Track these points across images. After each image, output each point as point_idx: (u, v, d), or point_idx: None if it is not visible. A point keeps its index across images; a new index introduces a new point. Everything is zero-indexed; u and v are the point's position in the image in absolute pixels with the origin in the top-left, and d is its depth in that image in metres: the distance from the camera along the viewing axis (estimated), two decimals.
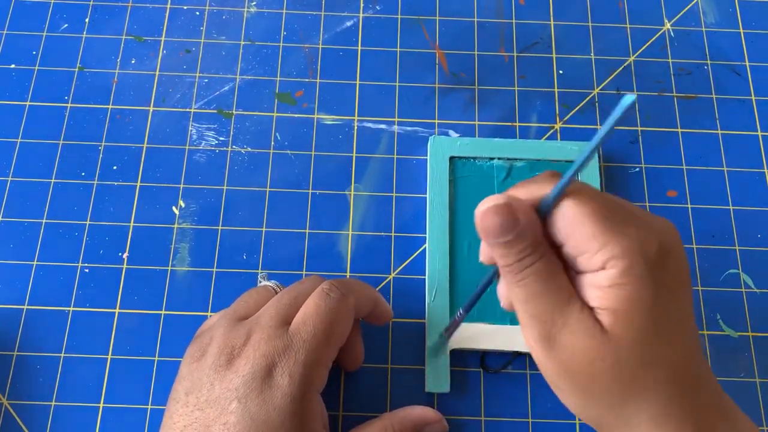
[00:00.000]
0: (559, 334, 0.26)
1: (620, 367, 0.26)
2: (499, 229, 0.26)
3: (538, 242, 0.26)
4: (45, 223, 0.41)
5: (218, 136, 0.44)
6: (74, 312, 0.39)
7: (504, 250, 0.27)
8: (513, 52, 0.47)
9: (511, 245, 0.26)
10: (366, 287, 0.35)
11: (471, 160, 0.42)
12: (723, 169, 0.44)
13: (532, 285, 0.27)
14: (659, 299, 0.25)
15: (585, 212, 0.25)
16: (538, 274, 0.27)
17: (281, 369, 0.30)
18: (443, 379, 0.37)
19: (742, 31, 0.48)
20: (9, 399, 0.38)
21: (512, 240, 0.26)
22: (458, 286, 0.39)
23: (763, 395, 0.38)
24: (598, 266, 0.26)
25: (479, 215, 0.27)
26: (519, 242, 0.26)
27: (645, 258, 0.25)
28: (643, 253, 0.25)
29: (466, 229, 0.41)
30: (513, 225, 0.26)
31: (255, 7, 0.48)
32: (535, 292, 0.27)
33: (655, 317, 0.26)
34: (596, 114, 0.45)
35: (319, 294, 0.33)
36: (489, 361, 0.39)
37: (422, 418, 0.35)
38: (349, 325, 0.33)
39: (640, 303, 0.25)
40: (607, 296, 0.26)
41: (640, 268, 0.25)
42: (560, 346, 0.27)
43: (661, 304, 0.26)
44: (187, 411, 0.30)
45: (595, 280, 0.26)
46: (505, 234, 0.26)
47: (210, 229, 0.42)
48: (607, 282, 0.25)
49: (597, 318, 0.26)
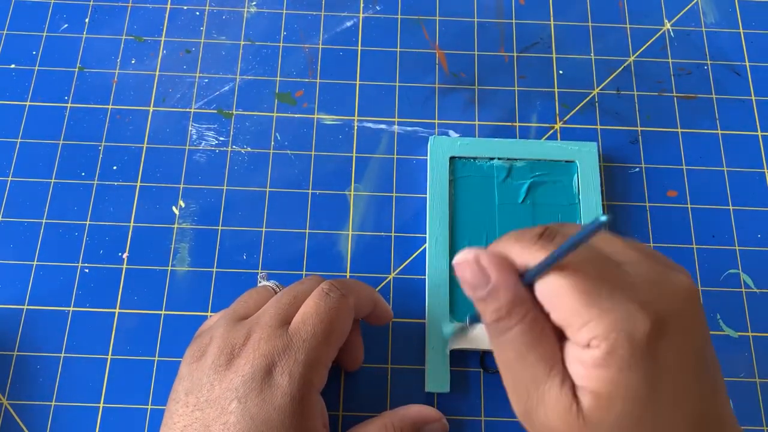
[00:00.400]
0: (534, 412, 0.25)
1: None
2: (468, 284, 0.26)
3: (516, 304, 0.25)
4: (45, 223, 0.41)
5: (218, 136, 0.44)
6: (74, 312, 0.39)
7: (480, 306, 0.26)
8: (513, 52, 0.47)
9: (486, 303, 0.26)
10: (366, 287, 0.35)
11: (471, 160, 0.42)
12: (723, 169, 0.44)
13: (510, 351, 0.25)
14: (648, 384, 0.23)
15: (567, 285, 0.24)
16: (515, 342, 0.25)
17: (281, 368, 0.30)
18: (443, 378, 0.37)
19: (742, 31, 0.48)
20: (9, 399, 0.38)
21: (485, 297, 0.26)
22: (458, 286, 0.39)
23: (763, 395, 0.38)
24: (584, 343, 0.24)
25: (454, 266, 0.26)
26: (492, 301, 0.25)
27: (631, 339, 0.23)
28: (628, 335, 0.23)
29: (466, 229, 0.41)
30: (483, 281, 0.26)
31: (255, 7, 0.48)
32: (511, 360, 0.25)
33: (641, 403, 0.24)
34: (596, 114, 0.45)
35: (318, 294, 0.33)
36: (488, 362, 0.39)
37: (422, 416, 0.35)
38: (349, 324, 0.33)
39: (623, 388, 0.23)
40: (590, 376, 0.24)
41: (625, 350, 0.23)
42: (536, 421, 0.25)
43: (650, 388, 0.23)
44: (187, 411, 0.30)
45: (581, 356, 0.24)
46: (475, 290, 0.26)
47: (210, 229, 0.42)
48: (591, 361, 0.24)
49: (578, 397, 0.24)
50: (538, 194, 0.41)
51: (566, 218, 0.41)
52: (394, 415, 0.35)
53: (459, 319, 0.39)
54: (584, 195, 0.41)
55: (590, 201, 0.41)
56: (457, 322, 0.38)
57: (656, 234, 0.42)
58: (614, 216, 0.42)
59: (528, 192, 0.41)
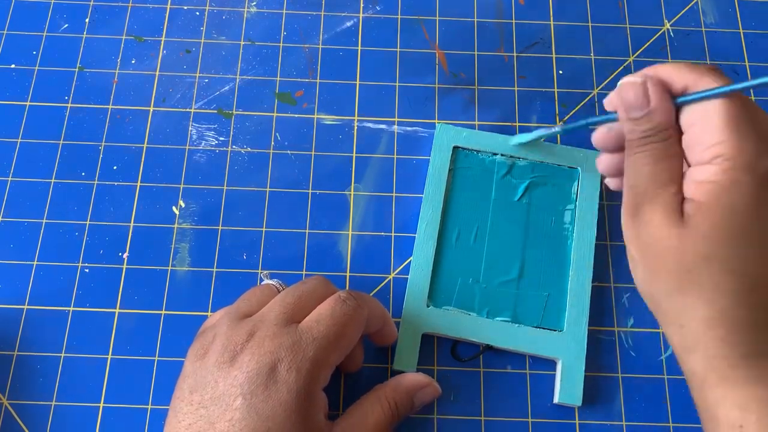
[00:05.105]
0: (643, 206, 0.29)
1: (682, 254, 0.27)
2: (632, 105, 0.29)
3: (664, 128, 0.28)
4: (45, 223, 0.41)
5: (218, 136, 0.44)
6: (74, 312, 0.39)
7: (632, 126, 0.29)
8: (513, 52, 0.47)
9: (639, 123, 0.29)
10: (379, 305, 0.36)
11: (474, 153, 0.42)
12: None
13: (643, 158, 0.29)
14: (750, 211, 0.26)
15: (719, 108, 0.27)
16: (654, 151, 0.29)
17: (287, 364, 0.30)
18: (411, 358, 0.38)
19: (742, 31, 0.48)
20: (9, 399, 0.38)
21: (641, 119, 0.29)
22: (441, 271, 0.40)
23: None
24: (706, 160, 0.27)
25: (619, 86, 0.30)
26: (646, 123, 0.29)
27: (752, 168, 0.26)
28: (752, 162, 0.26)
29: (459, 218, 0.41)
30: (643, 104, 0.29)
31: (255, 7, 0.48)
32: (643, 164, 0.29)
33: (737, 224, 0.26)
34: (596, 114, 0.45)
35: (335, 299, 0.33)
36: (460, 351, 0.39)
37: (414, 383, 0.36)
38: (359, 334, 0.34)
39: (725, 203, 0.26)
40: (699, 189, 0.27)
41: (742, 173, 0.26)
42: (642, 216, 0.29)
43: (749, 216, 0.26)
44: (192, 409, 0.30)
45: (697, 172, 0.27)
46: (634, 110, 0.29)
47: (210, 229, 0.42)
48: (705, 176, 0.27)
49: (683, 207, 0.27)
50: (535, 195, 0.41)
51: (559, 223, 0.41)
52: (387, 386, 0.35)
53: (436, 305, 0.39)
54: (581, 202, 0.41)
55: (587, 209, 0.41)
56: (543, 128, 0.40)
57: None
58: None
59: (526, 191, 0.41)
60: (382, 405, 0.34)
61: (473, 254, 0.40)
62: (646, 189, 0.29)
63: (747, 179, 0.26)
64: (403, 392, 0.35)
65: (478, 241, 0.40)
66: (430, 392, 0.36)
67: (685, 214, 0.27)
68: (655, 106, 0.29)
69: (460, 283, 0.39)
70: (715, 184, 0.27)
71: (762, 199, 0.26)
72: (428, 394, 0.36)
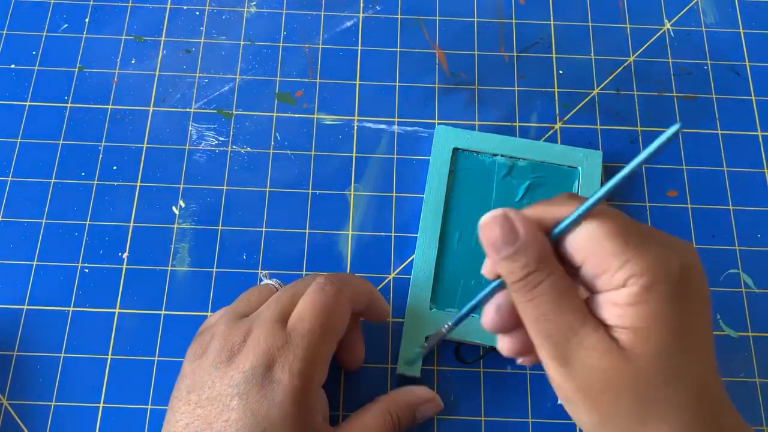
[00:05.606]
0: (574, 353, 0.26)
1: (640, 386, 0.25)
2: (500, 240, 0.26)
3: (544, 259, 0.26)
4: (45, 223, 0.41)
5: (218, 136, 0.44)
6: (74, 312, 0.39)
7: (509, 265, 0.27)
8: (513, 52, 0.47)
9: (515, 259, 0.26)
10: (361, 281, 0.35)
11: (474, 154, 0.42)
12: (723, 169, 0.44)
13: (543, 304, 0.26)
14: (681, 316, 0.25)
15: (605, 231, 0.25)
16: (549, 292, 0.26)
17: (281, 365, 0.30)
18: (415, 363, 0.38)
19: (742, 31, 0.48)
20: (9, 399, 0.38)
21: (515, 253, 0.26)
22: (444, 274, 0.40)
23: (763, 395, 0.38)
24: (619, 284, 0.25)
25: (481, 226, 0.27)
26: (522, 256, 0.26)
27: (668, 275, 0.25)
28: (664, 270, 0.25)
29: (460, 220, 0.41)
30: (513, 237, 0.26)
31: (255, 7, 0.48)
32: (546, 311, 0.26)
33: (676, 334, 0.25)
34: (596, 114, 0.45)
35: (314, 289, 0.33)
36: (464, 353, 0.39)
37: (417, 397, 0.36)
38: (346, 318, 0.33)
39: (662, 319, 0.25)
40: (627, 314, 0.25)
41: (662, 284, 0.25)
42: (576, 365, 0.26)
43: (682, 320, 0.25)
44: (189, 409, 0.30)
45: (614, 298, 0.25)
46: (506, 246, 0.26)
47: (210, 229, 0.42)
48: (628, 299, 0.25)
49: (614, 337, 0.25)
50: (536, 195, 0.41)
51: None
52: (389, 398, 0.35)
53: (439, 308, 0.39)
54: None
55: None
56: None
57: None
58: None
59: (526, 192, 0.41)
60: (384, 417, 0.34)
61: (475, 256, 0.40)
62: (566, 335, 0.26)
63: (667, 288, 0.25)
64: (405, 405, 0.35)
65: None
66: (432, 407, 0.36)
67: (620, 342, 0.25)
68: (526, 236, 0.26)
69: (463, 285, 0.39)
70: (644, 304, 0.25)
71: (684, 296, 0.25)
72: (430, 409, 0.36)
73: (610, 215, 0.26)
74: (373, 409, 0.34)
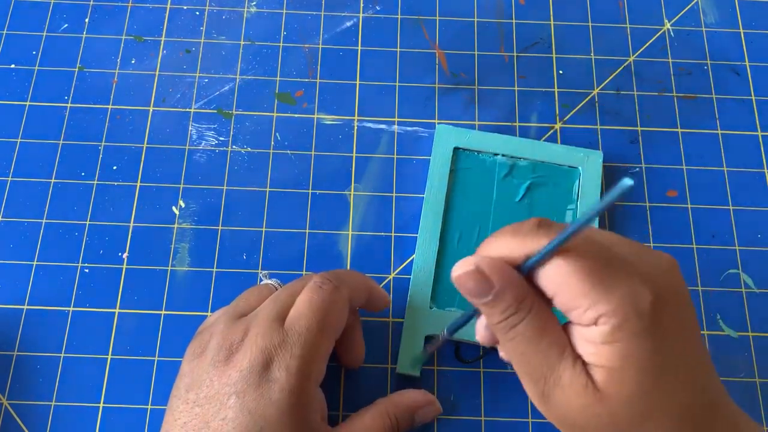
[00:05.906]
0: (552, 392, 0.26)
1: (616, 424, 0.25)
2: (475, 293, 0.26)
3: (522, 299, 0.26)
4: (45, 223, 0.41)
5: (218, 136, 0.44)
6: (74, 312, 0.39)
7: (487, 311, 0.27)
8: (513, 52, 0.47)
9: (493, 305, 0.26)
10: (359, 276, 0.36)
11: (474, 153, 0.42)
12: (723, 169, 0.44)
13: (521, 344, 0.26)
14: (655, 352, 0.25)
15: (573, 269, 0.25)
16: (525, 333, 0.26)
17: (278, 363, 0.30)
18: (415, 361, 0.38)
19: (742, 31, 0.48)
20: (9, 399, 0.38)
21: (492, 301, 0.26)
22: (444, 274, 0.40)
23: (763, 395, 0.38)
24: (590, 322, 0.25)
25: (454, 279, 0.27)
26: (499, 303, 0.26)
27: (638, 312, 0.24)
28: (635, 307, 0.24)
29: (460, 219, 0.41)
30: (487, 287, 0.26)
31: (255, 7, 0.48)
32: (525, 351, 0.26)
33: (651, 371, 0.25)
34: (596, 114, 0.45)
35: (311, 287, 0.33)
36: (464, 353, 0.39)
37: (416, 401, 0.36)
38: (344, 315, 0.33)
39: (634, 360, 0.25)
40: (600, 353, 0.25)
41: (633, 324, 0.24)
42: (554, 402, 0.26)
43: (658, 356, 0.25)
44: (188, 408, 0.31)
45: (587, 335, 0.25)
46: (481, 297, 0.26)
47: (210, 229, 0.42)
48: (600, 339, 0.25)
49: (590, 374, 0.25)
50: (536, 195, 0.41)
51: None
52: (389, 401, 0.35)
53: (439, 307, 0.39)
54: (582, 202, 0.41)
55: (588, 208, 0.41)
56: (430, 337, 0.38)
57: (656, 234, 0.42)
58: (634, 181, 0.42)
59: (527, 192, 0.41)
60: (383, 419, 0.34)
61: None
62: (543, 373, 0.26)
63: (639, 324, 0.24)
64: (404, 408, 0.35)
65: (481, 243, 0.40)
66: (431, 411, 0.36)
67: (596, 382, 0.25)
68: (500, 284, 0.26)
69: None
70: (615, 344, 0.24)
71: (658, 330, 0.25)
72: (429, 413, 0.36)
73: (580, 251, 0.25)
74: (372, 410, 0.34)
